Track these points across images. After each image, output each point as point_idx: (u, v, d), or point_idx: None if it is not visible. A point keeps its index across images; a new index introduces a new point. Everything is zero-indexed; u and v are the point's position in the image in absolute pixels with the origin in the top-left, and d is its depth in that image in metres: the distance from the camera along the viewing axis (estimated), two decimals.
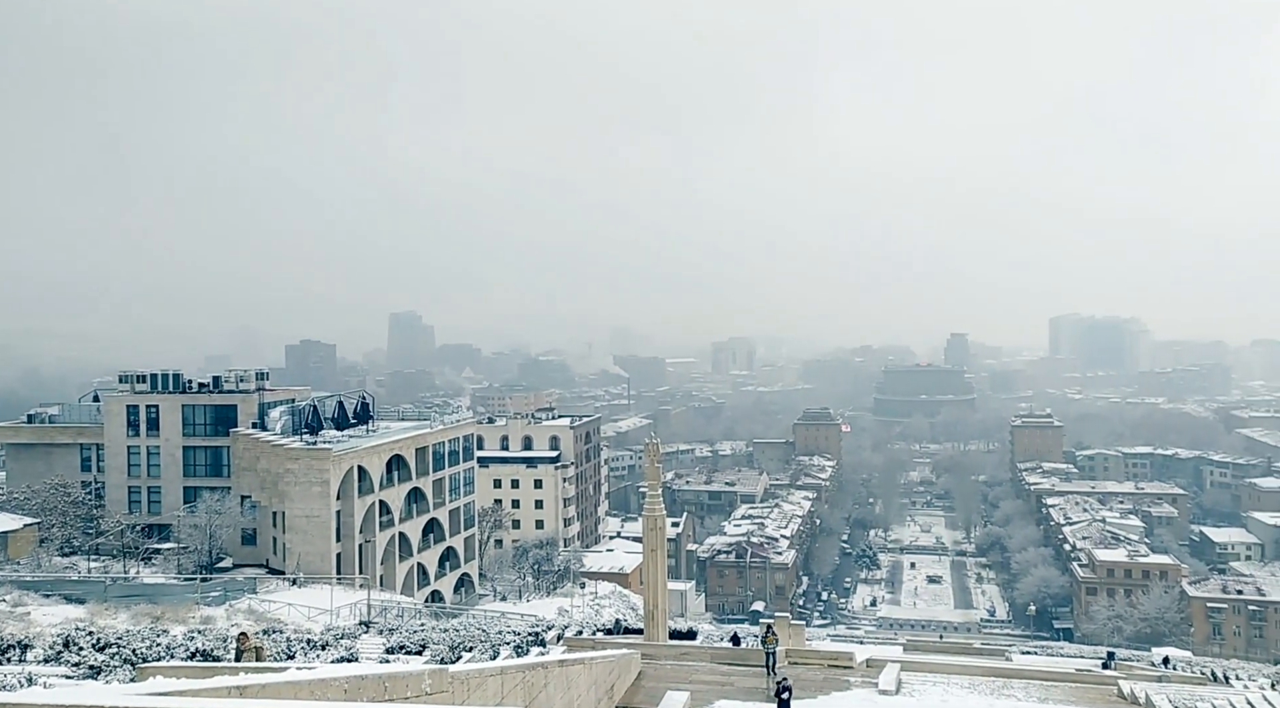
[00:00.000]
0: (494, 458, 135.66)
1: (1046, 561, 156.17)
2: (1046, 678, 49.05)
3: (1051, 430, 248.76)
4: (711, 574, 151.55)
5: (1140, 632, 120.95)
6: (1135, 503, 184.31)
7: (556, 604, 79.69)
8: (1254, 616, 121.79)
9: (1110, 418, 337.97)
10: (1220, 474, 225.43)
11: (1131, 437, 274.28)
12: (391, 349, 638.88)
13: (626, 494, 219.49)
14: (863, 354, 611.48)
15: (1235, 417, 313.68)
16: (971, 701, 41.27)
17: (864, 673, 47.07)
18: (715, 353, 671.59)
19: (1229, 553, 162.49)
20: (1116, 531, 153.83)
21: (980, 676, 48.30)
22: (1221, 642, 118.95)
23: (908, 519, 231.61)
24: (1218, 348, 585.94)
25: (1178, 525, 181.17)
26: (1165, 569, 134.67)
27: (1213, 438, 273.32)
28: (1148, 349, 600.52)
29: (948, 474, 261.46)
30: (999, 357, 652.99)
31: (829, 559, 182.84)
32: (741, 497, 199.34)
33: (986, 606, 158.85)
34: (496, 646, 46.49)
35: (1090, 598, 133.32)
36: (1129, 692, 43.21)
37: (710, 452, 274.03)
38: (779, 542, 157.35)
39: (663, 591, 52.66)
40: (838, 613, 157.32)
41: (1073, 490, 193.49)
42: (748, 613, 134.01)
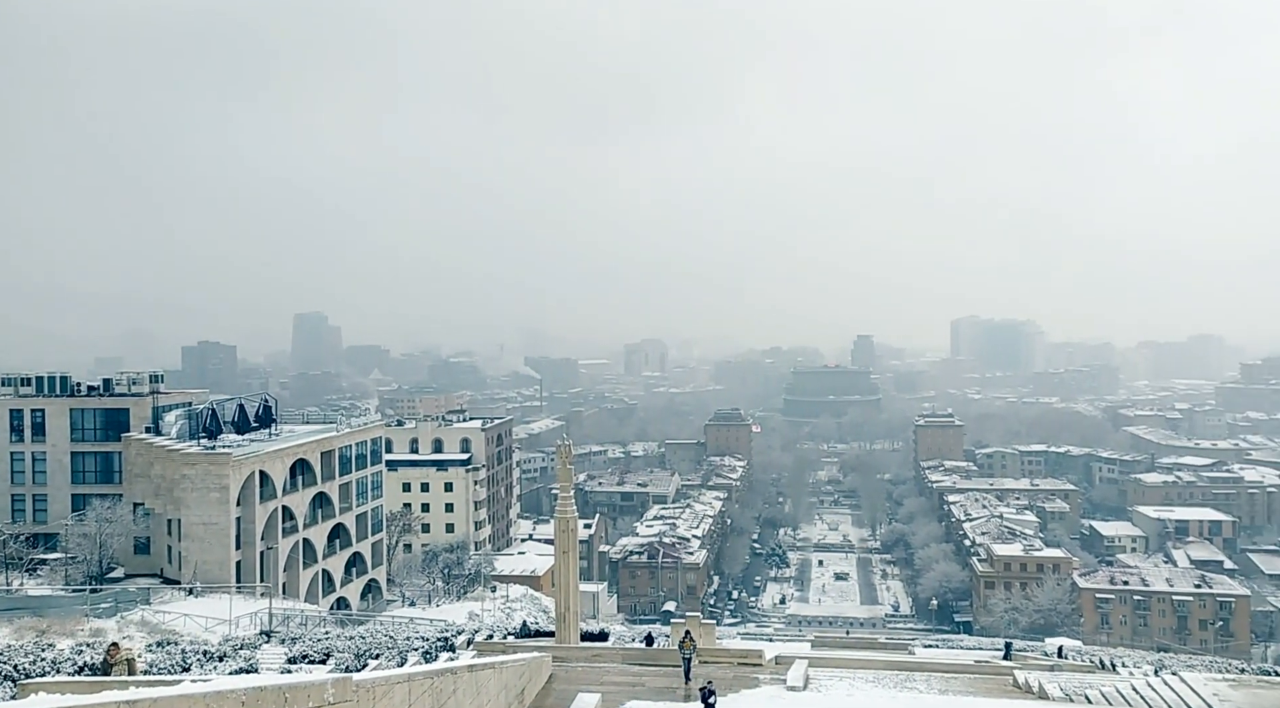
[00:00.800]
0: (403, 461, 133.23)
1: (948, 556, 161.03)
2: (947, 670, 50.42)
3: (953, 430, 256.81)
4: (624, 575, 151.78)
5: (1035, 623, 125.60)
6: (1031, 499, 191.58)
7: (467, 609, 78.74)
8: (1139, 605, 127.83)
9: (1008, 417, 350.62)
10: (1108, 470, 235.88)
11: (1027, 435, 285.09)
12: (296, 351, 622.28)
13: (539, 496, 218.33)
14: (773, 355, 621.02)
15: (1122, 415, 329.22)
16: (876, 694, 42.15)
17: (773, 670, 47.64)
18: (628, 354, 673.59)
19: (1116, 546, 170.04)
20: (1013, 526, 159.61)
21: (884, 670, 49.35)
22: (1109, 630, 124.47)
23: (816, 518, 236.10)
24: (1106, 349, 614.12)
25: (1070, 520, 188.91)
26: (1058, 562, 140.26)
27: (1102, 436, 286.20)
28: (1042, 350, 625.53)
29: (854, 473, 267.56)
30: (903, 358, 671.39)
31: (740, 558, 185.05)
32: (654, 497, 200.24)
33: (891, 601, 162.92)
34: (404, 652, 45.60)
35: (989, 591, 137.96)
36: (1024, 681, 44.76)
37: (623, 453, 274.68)
38: (690, 542, 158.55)
39: (574, 592, 52.46)
40: (748, 611, 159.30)
41: (973, 488, 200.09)
42: (659, 613, 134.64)
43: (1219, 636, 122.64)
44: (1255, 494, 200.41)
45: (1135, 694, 39.31)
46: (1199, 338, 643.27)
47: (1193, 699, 36.30)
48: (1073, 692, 41.34)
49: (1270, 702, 35.51)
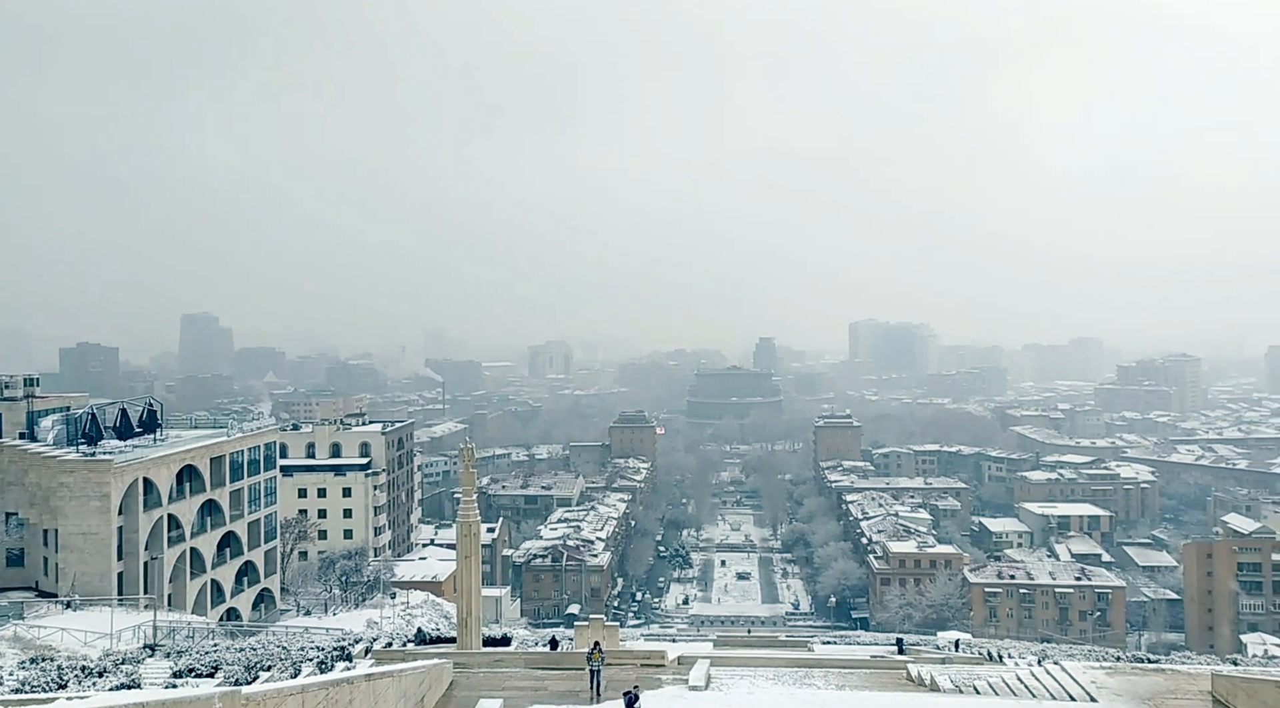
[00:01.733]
0: (299, 467, 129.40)
1: (846, 554, 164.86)
2: (844, 666, 51.57)
3: (851, 430, 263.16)
4: (527, 579, 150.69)
5: (928, 617, 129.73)
6: (924, 497, 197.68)
7: (366, 616, 76.88)
8: (1024, 598, 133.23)
9: (903, 418, 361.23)
10: (997, 469, 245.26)
11: (922, 435, 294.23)
12: (184, 353, 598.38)
13: (441, 500, 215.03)
14: (676, 358, 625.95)
15: (1010, 415, 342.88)
16: (775, 692, 42.80)
17: (676, 671, 47.93)
18: (532, 356, 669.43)
19: (1004, 541, 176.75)
20: (908, 524, 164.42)
21: (784, 667, 50.17)
22: (997, 623, 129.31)
23: (719, 518, 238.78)
24: (995, 352, 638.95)
25: (961, 517, 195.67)
26: (950, 558, 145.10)
27: (991, 435, 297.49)
28: (936, 353, 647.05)
29: (756, 474, 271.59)
30: (804, 360, 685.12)
31: (644, 560, 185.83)
32: (558, 500, 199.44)
33: (791, 599, 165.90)
34: (298, 663, 44.20)
35: (885, 588, 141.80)
36: (916, 675, 46.10)
37: (527, 456, 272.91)
38: (595, 544, 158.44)
39: (477, 597, 51.79)
40: (652, 612, 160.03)
41: (870, 487, 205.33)
42: (563, 616, 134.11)
43: (1097, 625, 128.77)
44: (1130, 490, 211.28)
45: (1020, 684, 40.88)
46: (1079, 341, 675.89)
47: (1073, 687, 37.90)
48: (962, 683, 42.76)
49: (1143, 688, 37.38)
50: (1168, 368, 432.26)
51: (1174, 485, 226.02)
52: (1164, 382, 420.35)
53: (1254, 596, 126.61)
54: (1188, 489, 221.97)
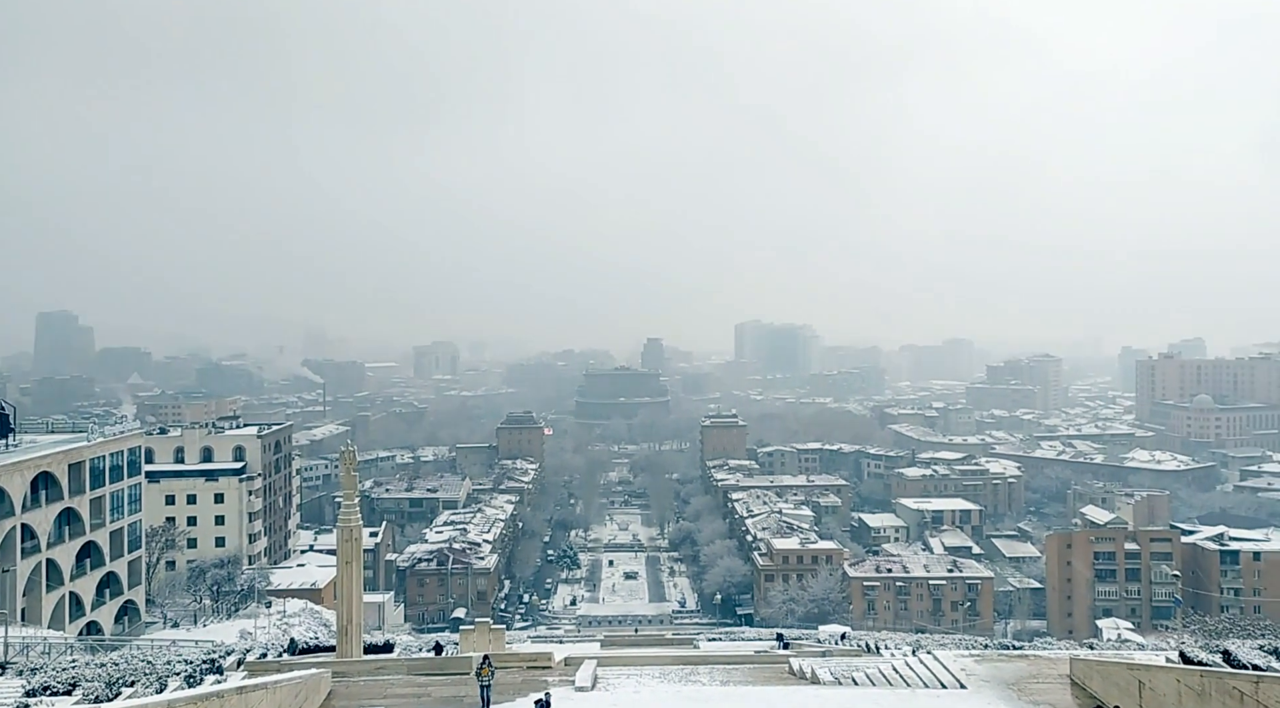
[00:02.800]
0: (167, 472, 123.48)
1: (732, 551, 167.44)
2: (729, 662, 52.31)
3: (737, 429, 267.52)
4: (412, 583, 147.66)
5: (810, 612, 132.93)
6: (807, 495, 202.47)
7: (239, 627, 73.96)
8: (900, 591, 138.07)
9: (787, 417, 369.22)
10: (875, 466, 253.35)
11: (804, 434, 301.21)
12: (40, 353, 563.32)
13: (321, 505, 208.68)
14: (565, 358, 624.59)
15: (888, 414, 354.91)
16: (661, 690, 43.06)
17: (562, 672, 47.72)
18: (418, 357, 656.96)
19: (882, 536, 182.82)
20: (791, 521, 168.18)
21: (670, 665, 50.54)
22: (875, 616, 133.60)
23: (607, 518, 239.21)
24: (874, 353, 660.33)
25: (841, 514, 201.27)
26: (830, 554, 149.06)
27: (870, 433, 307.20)
28: (818, 354, 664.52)
29: (644, 473, 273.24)
30: (691, 360, 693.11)
31: (531, 561, 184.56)
32: (444, 503, 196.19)
33: (678, 598, 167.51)
34: (164, 678, 42.03)
35: (769, 584, 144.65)
36: (798, 668, 47.09)
37: (412, 458, 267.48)
38: (481, 547, 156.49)
39: (358, 604, 50.37)
40: (539, 614, 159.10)
41: (754, 485, 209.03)
42: (449, 620, 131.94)
43: (968, 615, 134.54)
44: (998, 485, 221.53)
45: (895, 674, 42.26)
46: (952, 342, 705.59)
47: (944, 676, 39.39)
48: (841, 675, 43.90)
49: (1008, 673, 39.16)
50: (1032, 368, 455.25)
51: (1038, 480, 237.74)
52: (1029, 381, 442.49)
53: (1108, 583, 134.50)
54: (1050, 483, 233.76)
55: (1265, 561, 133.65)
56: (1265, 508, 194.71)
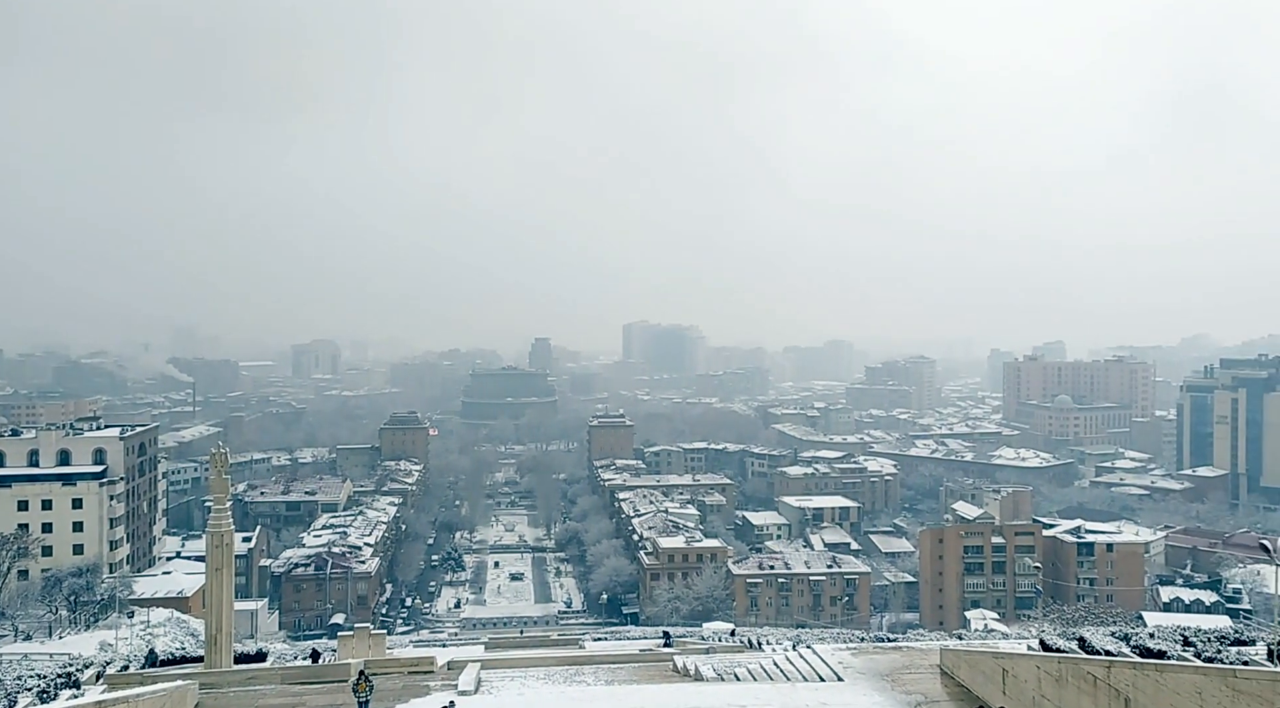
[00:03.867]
0: (18, 476, 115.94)
1: (618, 551, 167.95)
2: (614, 661, 52.46)
3: (624, 429, 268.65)
4: (287, 590, 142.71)
5: (694, 610, 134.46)
6: (693, 494, 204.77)
7: (99, 639, 69.95)
8: (782, 587, 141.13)
9: (673, 417, 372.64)
10: (759, 465, 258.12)
11: (691, 433, 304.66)
12: None
13: (190, 510, 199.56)
14: (451, 358, 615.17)
15: (771, 413, 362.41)
16: (546, 691, 42.84)
17: (445, 676, 46.96)
18: (296, 356, 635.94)
19: (765, 533, 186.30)
20: (677, 520, 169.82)
21: (556, 666, 50.35)
22: (758, 612, 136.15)
23: (493, 520, 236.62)
24: (758, 354, 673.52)
25: (726, 512, 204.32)
26: (715, 552, 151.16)
27: (754, 433, 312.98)
28: (704, 354, 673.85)
29: (531, 474, 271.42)
30: (579, 360, 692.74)
31: (415, 564, 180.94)
32: (323, 506, 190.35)
33: (564, 598, 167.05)
34: (14, 694, 39.46)
35: (654, 583, 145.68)
36: (682, 665, 47.55)
37: (289, 460, 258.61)
38: (362, 550, 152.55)
39: (228, 612, 48.41)
40: (422, 618, 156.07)
41: (641, 485, 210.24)
42: (327, 627, 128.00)
43: (846, 609, 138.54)
44: (876, 482, 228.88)
45: (776, 669, 43.09)
46: (833, 344, 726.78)
47: (823, 669, 40.36)
48: (724, 671, 44.51)
49: (883, 665, 40.41)
50: (908, 369, 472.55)
51: (913, 477, 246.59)
52: (905, 382, 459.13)
53: (976, 575, 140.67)
54: (924, 480, 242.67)
55: (1117, 551, 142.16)
56: (1118, 502, 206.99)
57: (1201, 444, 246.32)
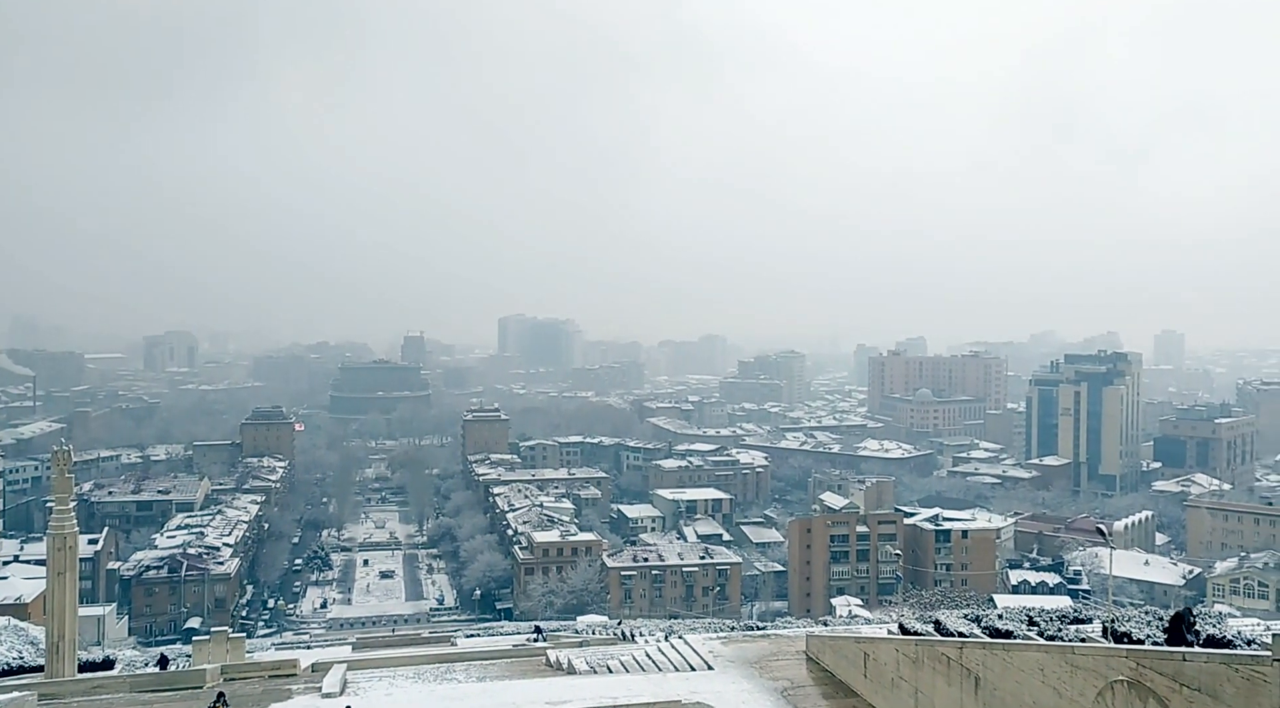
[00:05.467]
0: None
1: (492, 546, 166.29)
2: (486, 657, 51.86)
3: (499, 423, 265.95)
4: (139, 594, 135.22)
5: (569, 603, 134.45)
6: (568, 487, 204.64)
7: None
8: (656, 579, 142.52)
9: (549, 410, 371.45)
10: (634, 458, 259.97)
11: (566, 427, 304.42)
12: None
13: (29, 511, 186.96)
14: (319, 351, 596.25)
15: (647, 407, 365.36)
16: (415, 690, 41.98)
17: (309, 679, 45.44)
18: (149, 348, 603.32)
19: (640, 526, 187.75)
20: (552, 514, 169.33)
21: (426, 664, 49.43)
22: (632, 604, 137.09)
23: (363, 517, 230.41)
24: (634, 348, 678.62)
25: (601, 505, 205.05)
26: (590, 545, 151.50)
27: (630, 426, 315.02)
28: (580, 348, 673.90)
29: (403, 469, 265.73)
30: (453, 354, 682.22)
31: (278, 565, 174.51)
32: (178, 505, 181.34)
33: (437, 595, 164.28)
34: None
35: (529, 577, 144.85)
36: (555, 660, 47.40)
37: (141, 457, 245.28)
38: (221, 551, 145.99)
39: (71, 618, 45.51)
40: (286, 620, 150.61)
41: (516, 479, 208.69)
42: (182, 632, 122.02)
43: (717, 599, 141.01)
44: (747, 474, 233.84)
45: (649, 660, 43.43)
46: (708, 338, 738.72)
47: (694, 658, 40.92)
48: (597, 664, 44.58)
49: (752, 653, 41.27)
50: (779, 363, 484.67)
51: (783, 469, 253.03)
52: (776, 375, 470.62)
53: (842, 563, 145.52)
54: (794, 472, 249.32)
55: (972, 538, 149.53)
56: (973, 490, 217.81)
57: (1048, 435, 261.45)
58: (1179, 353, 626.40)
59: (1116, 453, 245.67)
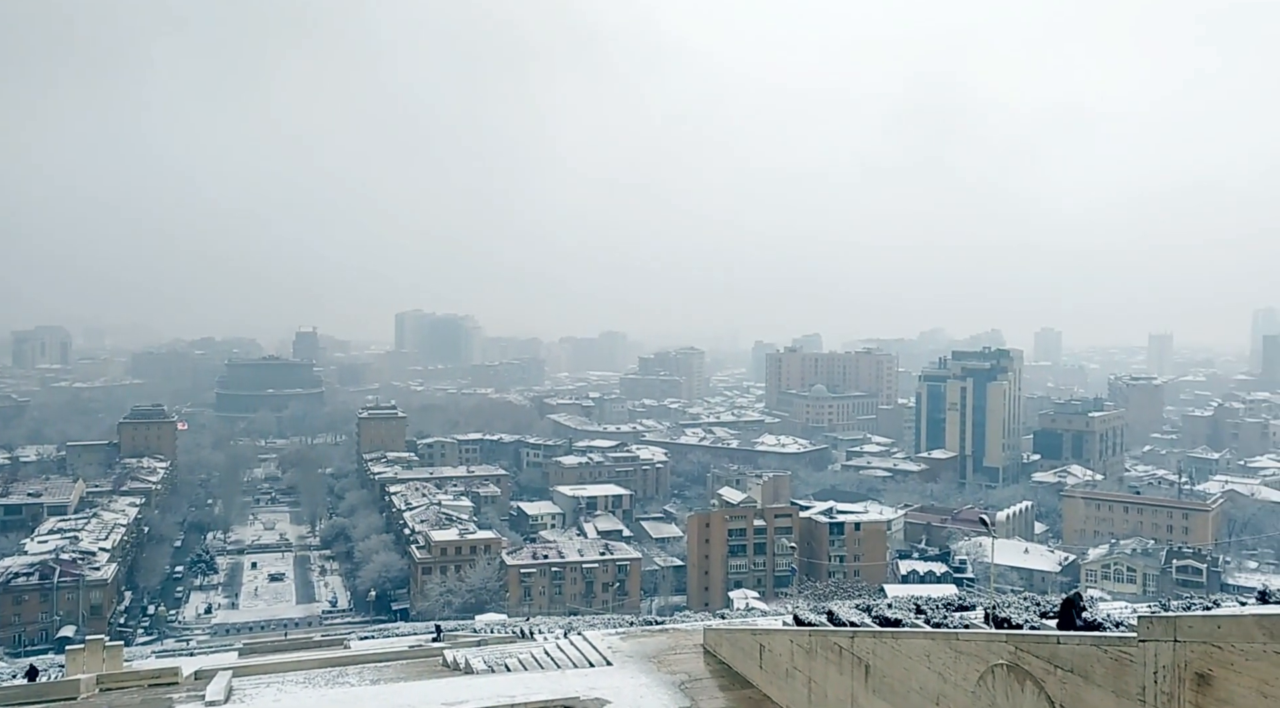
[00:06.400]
0: None
1: (388, 546, 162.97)
2: (381, 659, 50.79)
3: (396, 421, 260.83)
4: (6, 602, 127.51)
5: (467, 602, 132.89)
6: (467, 485, 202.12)
7: None
8: (556, 576, 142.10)
9: (448, 408, 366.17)
10: (534, 455, 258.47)
11: (466, 424, 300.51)
12: None
13: None
14: (204, 347, 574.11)
15: (547, 404, 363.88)
16: (305, 695, 40.79)
17: (191, 687, 43.63)
18: (17, 343, 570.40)
19: (540, 523, 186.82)
20: (450, 512, 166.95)
21: (317, 668, 48.13)
22: (531, 602, 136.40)
23: (252, 518, 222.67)
24: (534, 344, 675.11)
25: (501, 503, 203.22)
26: (489, 543, 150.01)
27: (530, 423, 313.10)
28: (480, 344, 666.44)
29: (295, 468, 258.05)
30: (348, 350, 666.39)
31: (159, 569, 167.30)
32: (49, 508, 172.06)
33: (330, 597, 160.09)
34: None
35: (426, 577, 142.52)
36: (452, 660, 46.71)
37: (9, 459, 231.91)
38: (96, 556, 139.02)
39: None
40: (167, 627, 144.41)
41: (414, 477, 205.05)
42: (54, 641, 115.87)
43: (617, 595, 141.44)
44: (648, 470, 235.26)
45: (547, 657, 43.19)
46: (608, 335, 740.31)
47: (593, 654, 40.88)
48: (495, 663, 44.10)
49: (650, 647, 41.47)
50: (679, 359, 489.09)
51: (682, 464, 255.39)
52: (676, 372, 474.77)
53: (740, 557, 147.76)
54: (693, 467, 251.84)
55: (864, 530, 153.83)
56: (865, 484, 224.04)
57: (936, 429, 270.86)
58: (1057, 350, 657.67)
59: (999, 446, 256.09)
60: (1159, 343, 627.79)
